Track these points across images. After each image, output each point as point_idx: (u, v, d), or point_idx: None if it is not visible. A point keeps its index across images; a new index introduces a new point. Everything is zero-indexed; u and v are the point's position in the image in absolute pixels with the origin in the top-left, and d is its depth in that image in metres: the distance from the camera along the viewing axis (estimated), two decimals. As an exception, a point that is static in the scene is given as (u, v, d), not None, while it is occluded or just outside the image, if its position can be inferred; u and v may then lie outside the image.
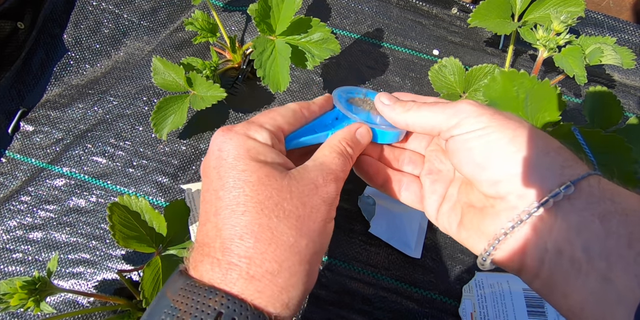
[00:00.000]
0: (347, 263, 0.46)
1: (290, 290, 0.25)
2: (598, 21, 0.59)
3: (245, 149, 0.27)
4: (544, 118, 0.36)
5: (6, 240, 0.46)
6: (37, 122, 0.51)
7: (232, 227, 0.25)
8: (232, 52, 0.52)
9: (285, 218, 0.26)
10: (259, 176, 0.26)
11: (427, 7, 0.59)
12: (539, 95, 0.36)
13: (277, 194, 0.26)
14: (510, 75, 0.36)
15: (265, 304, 0.24)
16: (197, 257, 0.26)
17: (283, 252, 0.25)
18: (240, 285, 0.24)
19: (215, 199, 0.26)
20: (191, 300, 0.23)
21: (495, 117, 0.26)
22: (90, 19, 0.56)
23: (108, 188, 0.48)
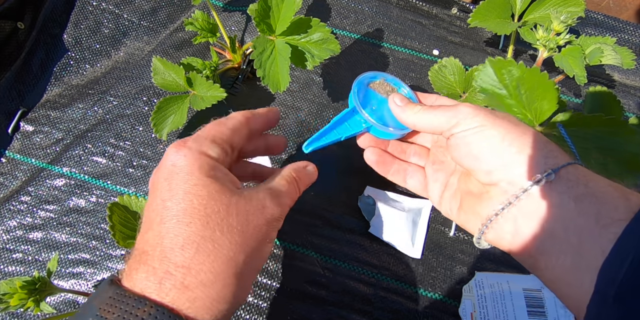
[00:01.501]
0: (347, 263, 0.46)
1: (222, 302, 0.26)
2: (598, 21, 0.59)
3: (198, 165, 0.28)
4: (541, 107, 0.36)
5: (6, 240, 0.46)
6: (37, 122, 0.51)
7: (175, 237, 0.26)
8: (232, 52, 0.52)
9: (229, 233, 0.26)
10: (210, 191, 0.27)
11: (427, 7, 0.59)
12: (530, 84, 0.35)
13: (225, 209, 0.27)
14: (498, 63, 0.36)
15: (195, 314, 0.25)
16: (133, 264, 0.26)
17: (220, 265, 0.26)
18: (173, 295, 0.24)
19: (162, 208, 0.27)
20: (119, 309, 0.24)
21: (489, 117, 0.30)
22: (90, 19, 0.56)
23: (108, 188, 0.48)
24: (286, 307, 0.44)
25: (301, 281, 0.45)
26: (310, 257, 0.46)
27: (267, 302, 0.45)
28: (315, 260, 0.46)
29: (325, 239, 0.47)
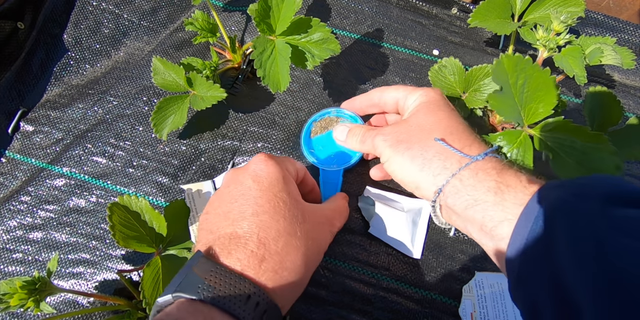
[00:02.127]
0: (347, 263, 0.46)
1: (295, 288, 0.32)
2: (598, 21, 0.59)
3: (282, 176, 0.35)
4: (537, 109, 0.36)
5: (6, 240, 0.46)
6: (37, 122, 0.51)
7: (269, 229, 0.31)
8: (232, 52, 0.52)
9: (305, 234, 0.33)
10: (291, 199, 0.34)
11: (427, 7, 0.59)
12: (536, 84, 0.36)
13: (302, 215, 0.34)
14: (515, 60, 0.36)
15: (280, 295, 0.30)
16: (229, 246, 0.31)
17: (300, 258, 0.32)
18: (267, 276, 0.30)
19: (254, 204, 0.33)
20: (224, 282, 0.28)
21: (393, 148, 0.36)
22: (90, 19, 0.56)
23: (108, 188, 0.48)
24: (286, 307, 0.44)
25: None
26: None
27: (267, 302, 0.45)
28: (315, 260, 0.46)
29: (325, 239, 0.47)
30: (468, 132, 0.36)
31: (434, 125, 0.36)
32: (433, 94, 0.39)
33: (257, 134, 0.51)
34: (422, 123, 0.37)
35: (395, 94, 0.41)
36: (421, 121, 0.37)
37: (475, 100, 0.49)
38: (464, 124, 0.37)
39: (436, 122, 0.36)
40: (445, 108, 0.38)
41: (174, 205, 0.45)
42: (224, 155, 0.50)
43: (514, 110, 0.37)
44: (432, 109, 0.38)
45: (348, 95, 0.53)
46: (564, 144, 0.36)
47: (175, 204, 0.45)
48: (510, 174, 0.32)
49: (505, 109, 0.38)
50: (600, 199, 0.26)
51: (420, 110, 0.38)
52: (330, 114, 0.49)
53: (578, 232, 0.25)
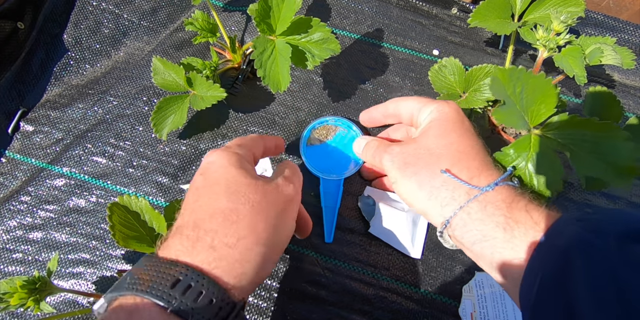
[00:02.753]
0: (347, 263, 0.46)
1: (244, 264, 0.29)
2: (598, 21, 0.59)
3: (228, 159, 0.33)
4: (538, 110, 0.36)
5: (6, 240, 0.46)
6: (37, 122, 0.51)
7: (205, 210, 0.30)
8: (232, 52, 0.52)
9: (250, 206, 0.31)
10: (234, 175, 0.32)
11: (427, 7, 0.59)
12: (533, 88, 0.36)
13: (246, 188, 0.32)
14: (509, 72, 0.36)
15: (221, 274, 0.28)
16: (169, 239, 0.30)
17: (242, 230, 0.30)
18: (202, 256, 0.28)
19: (195, 193, 0.32)
20: (154, 271, 0.27)
21: (400, 171, 0.36)
22: (90, 19, 0.56)
23: (108, 188, 0.48)
24: (286, 307, 0.44)
25: (301, 281, 0.45)
26: (310, 257, 0.46)
27: (267, 302, 0.45)
28: (315, 260, 0.46)
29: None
30: (480, 156, 0.35)
31: (444, 149, 0.35)
32: (448, 109, 0.37)
33: (257, 134, 0.51)
34: (432, 146, 0.35)
35: (409, 105, 0.40)
36: (431, 144, 0.35)
37: (475, 100, 0.49)
38: (476, 146, 0.36)
39: (446, 146, 0.35)
40: (459, 128, 0.36)
41: (174, 205, 0.45)
42: (224, 155, 0.50)
43: (519, 117, 0.37)
44: (444, 129, 0.36)
45: (348, 95, 0.53)
46: (574, 138, 0.36)
47: (176, 204, 0.45)
48: (520, 207, 0.31)
49: (510, 119, 0.38)
50: (616, 235, 0.25)
51: (431, 129, 0.36)
52: (328, 122, 0.49)
53: (595, 270, 0.24)
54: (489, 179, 0.33)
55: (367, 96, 0.54)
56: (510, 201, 0.31)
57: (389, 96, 0.54)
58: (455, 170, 0.33)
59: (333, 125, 0.49)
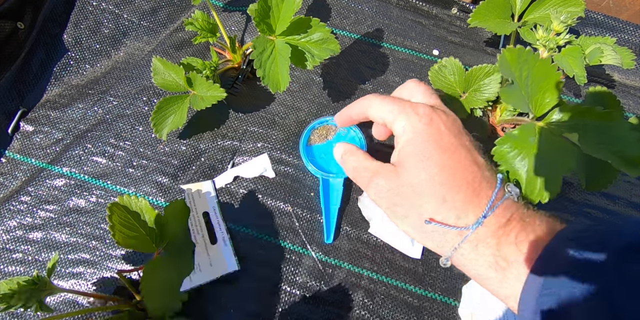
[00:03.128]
0: (347, 263, 0.46)
1: None
2: (598, 21, 0.59)
3: None
4: (543, 100, 0.36)
5: (6, 240, 0.46)
6: (37, 122, 0.51)
7: None
8: (232, 52, 0.52)
9: None
10: None
11: (427, 7, 0.59)
12: (539, 74, 0.35)
13: None
14: (517, 53, 0.35)
15: None
16: None
17: None
18: None
19: None
20: None
21: (389, 211, 0.35)
22: (90, 19, 0.56)
23: (108, 188, 0.48)
24: (286, 307, 0.44)
25: (301, 281, 0.45)
26: (310, 256, 0.46)
27: (267, 302, 0.45)
28: (316, 260, 0.46)
29: (325, 239, 0.47)
30: (466, 182, 0.32)
31: (426, 186, 0.32)
32: (420, 125, 0.33)
33: (257, 134, 0.51)
34: (414, 181, 0.32)
35: (380, 114, 0.36)
36: (412, 179, 0.33)
37: (475, 100, 0.49)
38: (459, 167, 0.32)
39: (427, 181, 0.32)
40: (437, 149, 0.32)
41: (174, 205, 0.45)
42: (224, 155, 0.50)
43: (523, 101, 0.37)
44: (422, 157, 0.32)
45: (348, 95, 0.53)
46: (578, 128, 0.35)
47: (175, 204, 0.45)
48: (510, 241, 0.29)
49: (516, 101, 0.37)
50: (618, 249, 0.24)
51: (409, 157, 0.33)
52: (328, 122, 0.49)
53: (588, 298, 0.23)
54: (478, 209, 0.31)
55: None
56: (500, 234, 0.30)
57: (389, 96, 0.54)
58: (442, 212, 0.31)
59: (333, 125, 0.49)
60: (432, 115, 0.34)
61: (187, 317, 0.42)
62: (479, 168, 0.33)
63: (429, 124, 0.33)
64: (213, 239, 0.46)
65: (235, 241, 0.46)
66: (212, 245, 0.45)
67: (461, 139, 0.34)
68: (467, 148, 0.33)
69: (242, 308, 0.44)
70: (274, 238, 0.47)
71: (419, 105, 0.34)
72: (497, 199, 0.31)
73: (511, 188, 0.32)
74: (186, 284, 0.43)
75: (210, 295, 0.45)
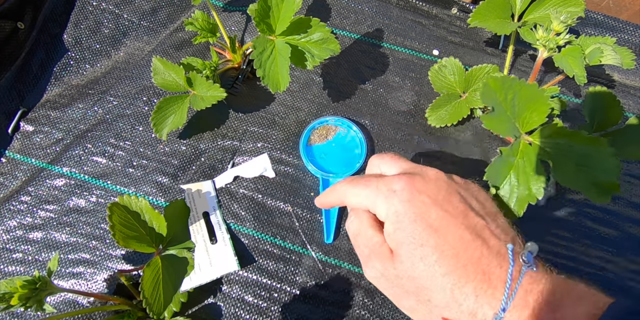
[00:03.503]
0: (347, 263, 0.46)
1: None
2: (598, 21, 0.59)
3: None
4: (531, 118, 0.36)
5: (6, 240, 0.46)
6: (37, 122, 0.51)
7: None
8: (232, 52, 0.52)
9: None
10: None
11: (427, 7, 0.59)
12: (526, 96, 0.36)
13: None
14: (500, 81, 0.36)
15: None
16: None
17: None
18: None
19: None
20: None
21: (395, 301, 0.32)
22: (90, 19, 0.56)
23: (108, 188, 0.48)
24: (286, 307, 0.44)
25: (301, 281, 0.45)
26: (310, 257, 0.46)
27: (267, 302, 0.45)
28: (316, 260, 0.46)
29: (325, 239, 0.47)
30: (473, 266, 0.27)
31: (428, 279, 0.28)
32: (403, 210, 0.29)
33: (257, 134, 0.51)
34: (414, 275, 0.28)
35: (358, 203, 0.32)
36: (411, 272, 0.28)
37: (476, 100, 0.49)
38: (462, 246, 0.28)
39: (428, 272, 0.28)
40: (426, 230, 0.28)
41: (174, 205, 0.45)
42: (224, 155, 0.50)
43: (509, 123, 0.37)
44: (415, 243, 0.28)
45: (348, 95, 0.53)
46: (562, 148, 0.36)
47: (175, 204, 0.45)
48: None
49: (499, 125, 0.38)
50: None
51: (401, 245, 0.29)
52: (329, 122, 0.49)
53: None
54: (493, 300, 0.26)
55: (367, 96, 0.54)
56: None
57: (389, 96, 0.54)
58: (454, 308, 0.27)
59: (333, 124, 0.49)
60: (410, 189, 0.30)
61: (187, 317, 0.42)
62: (483, 240, 0.28)
63: (410, 201, 0.29)
64: (213, 239, 0.46)
65: (235, 241, 0.46)
66: (212, 245, 0.45)
67: (452, 204, 0.30)
68: (463, 215, 0.29)
69: (242, 308, 0.44)
70: (274, 238, 0.47)
71: (393, 180, 0.31)
72: (514, 279, 0.26)
73: (526, 256, 0.27)
74: (186, 284, 0.43)
75: (210, 295, 0.45)
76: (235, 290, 0.45)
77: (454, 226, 0.28)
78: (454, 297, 0.27)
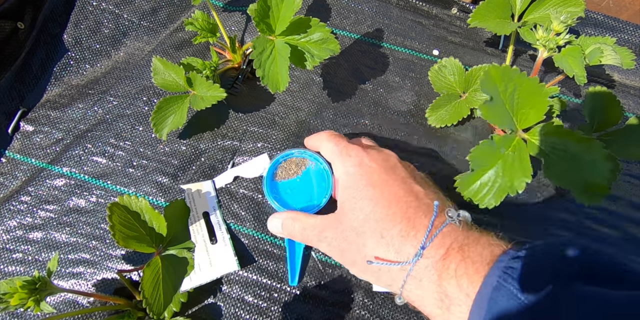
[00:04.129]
0: (347, 263, 0.46)
1: None
2: (598, 21, 0.59)
3: None
4: (529, 114, 0.36)
5: (6, 240, 0.46)
6: (37, 122, 0.51)
7: None
8: (232, 52, 0.52)
9: None
10: None
11: (427, 7, 0.59)
12: (526, 91, 0.36)
13: None
14: (502, 71, 0.36)
15: None
16: None
17: None
18: None
19: None
20: None
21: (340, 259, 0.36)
22: (90, 19, 0.56)
23: (108, 188, 0.49)
24: (286, 307, 0.44)
25: (301, 281, 0.45)
26: (310, 257, 0.46)
27: (267, 302, 0.45)
28: (316, 260, 0.46)
29: (325, 239, 0.47)
30: (402, 215, 0.32)
31: (365, 226, 0.33)
32: (353, 170, 0.35)
33: (257, 134, 0.51)
34: (354, 224, 0.33)
35: (325, 154, 0.40)
36: (351, 221, 0.34)
37: (475, 100, 0.49)
38: (394, 199, 0.32)
39: (365, 221, 0.33)
40: (369, 188, 0.33)
41: (174, 205, 0.45)
42: (224, 155, 0.50)
43: (506, 117, 0.37)
44: (357, 198, 0.34)
45: (348, 95, 0.53)
46: (557, 147, 0.36)
47: (175, 204, 0.45)
48: (451, 275, 0.28)
49: (496, 117, 0.38)
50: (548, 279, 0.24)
51: (347, 201, 0.34)
52: (294, 154, 0.46)
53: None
54: (415, 241, 0.31)
55: (367, 96, 0.54)
56: (440, 268, 0.29)
57: (389, 96, 0.54)
58: (382, 249, 0.31)
59: (300, 157, 0.46)
60: (362, 156, 0.35)
61: (187, 317, 0.42)
62: (416, 197, 0.32)
63: (360, 165, 0.35)
64: (213, 239, 0.46)
65: (235, 241, 0.46)
66: (212, 245, 0.45)
67: (395, 172, 0.34)
68: (402, 180, 0.34)
69: (242, 308, 0.44)
70: (274, 238, 0.47)
71: (353, 147, 0.36)
72: (435, 227, 0.30)
73: (451, 213, 0.31)
74: (186, 284, 0.43)
75: (210, 295, 0.45)
76: (235, 290, 0.45)
77: (391, 186, 0.33)
78: (383, 239, 0.31)
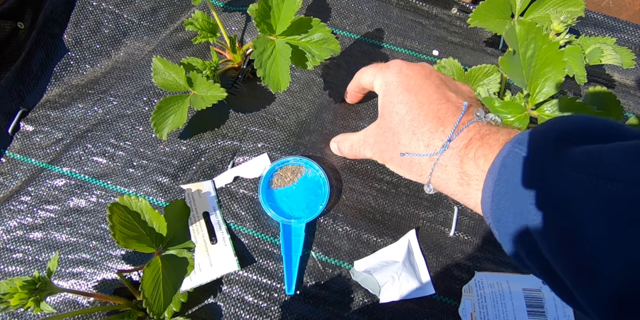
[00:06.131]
0: (347, 263, 0.46)
1: None
2: (598, 21, 0.59)
3: None
4: (542, 88, 0.37)
5: (6, 240, 0.46)
6: (37, 122, 0.51)
7: None
8: (232, 52, 0.52)
9: None
10: None
11: (427, 7, 0.59)
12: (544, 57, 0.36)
13: None
14: (527, 28, 0.36)
15: None
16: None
17: None
18: None
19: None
20: None
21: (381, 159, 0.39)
22: (90, 19, 0.56)
23: (108, 188, 0.48)
24: (286, 307, 0.44)
25: (301, 281, 0.45)
26: (310, 256, 0.46)
27: (267, 302, 0.45)
28: (316, 260, 0.46)
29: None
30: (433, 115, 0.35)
31: (400, 126, 0.36)
32: (392, 79, 0.38)
33: (257, 134, 0.51)
34: (391, 125, 0.37)
35: (366, 78, 0.42)
36: (389, 124, 0.37)
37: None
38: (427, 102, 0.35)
39: (400, 121, 0.36)
40: (405, 94, 0.36)
41: (174, 205, 0.45)
42: (224, 155, 0.50)
43: (521, 80, 0.37)
44: (393, 103, 0.37)
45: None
46: None
47: (175, 204, 0.45)
48: (470, 157, 0.31)
49: (514, 74, 0.38)
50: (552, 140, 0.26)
51: (385, 106, 0.38)
52: (290, 162, 0.47)
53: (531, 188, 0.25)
54: (443, 136, 0.34)
55: (367, 96, 0.54)
56: (462, 154, 0.32)
57: (389, 96, 0.54)
58: (413, 144, 0.35)
59: (295, 165, 0.47)
60: (401, 66, 0.38)
61: (187, 317, 0.42)
62: (448, 101, 0.35)
63: (398, 73, 0.38)
64: (213, 239, 0.46)
65: (235, 241, 0.46)
66: (212, 245, 0.45)
67: (430, 79, 0.37)
68: (436, 85, 0.36)
69: (242, 308, 0.44)
70: (274, 238, 0.47)
71: (391, 62, 0.39)
72: (462, 123, 0.33)
73: (480, 112, 0.34)
74: (186, 284, 0.43)
75: (210, 295, 0.45)
76: (235, 290, 0.45)
77: (425, 90, 0.36)
78: (415, 135, 0.35)
